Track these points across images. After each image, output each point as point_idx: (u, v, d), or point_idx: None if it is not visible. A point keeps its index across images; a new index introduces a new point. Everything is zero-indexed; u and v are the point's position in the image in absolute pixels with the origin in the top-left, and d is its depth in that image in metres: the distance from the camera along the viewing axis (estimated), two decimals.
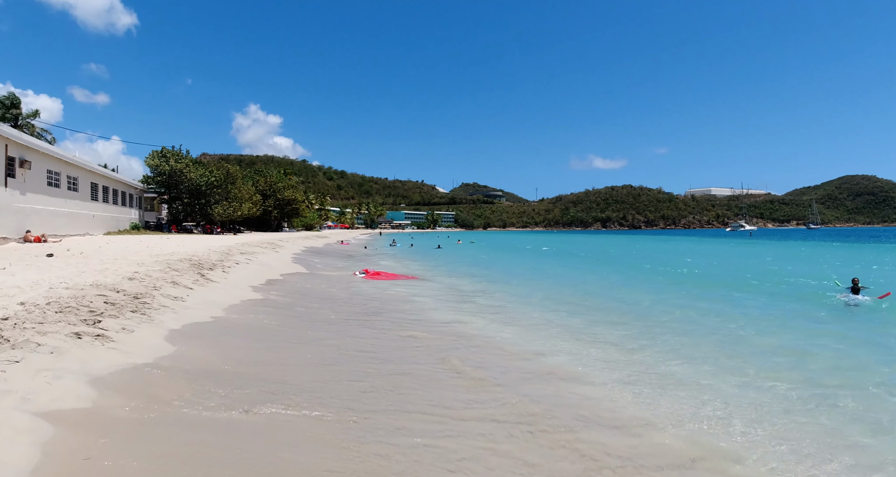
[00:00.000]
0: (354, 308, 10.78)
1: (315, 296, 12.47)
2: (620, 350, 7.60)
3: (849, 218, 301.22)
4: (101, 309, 6.36)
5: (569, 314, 10.63)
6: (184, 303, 8.17)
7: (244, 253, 19.34)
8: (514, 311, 11.10)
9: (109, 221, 37.91)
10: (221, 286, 10.90)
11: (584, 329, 9.12)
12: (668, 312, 10.88)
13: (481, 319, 9.85)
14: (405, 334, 8.08)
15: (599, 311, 11.23)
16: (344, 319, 9.33)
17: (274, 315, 9.13)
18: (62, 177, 29.77)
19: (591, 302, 12.58)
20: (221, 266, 13.49)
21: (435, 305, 11.63)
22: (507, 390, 5.54)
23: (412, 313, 10.37)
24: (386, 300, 12.20)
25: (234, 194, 55.03)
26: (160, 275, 9.82)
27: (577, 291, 14.82)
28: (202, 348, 6.08)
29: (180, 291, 8.96)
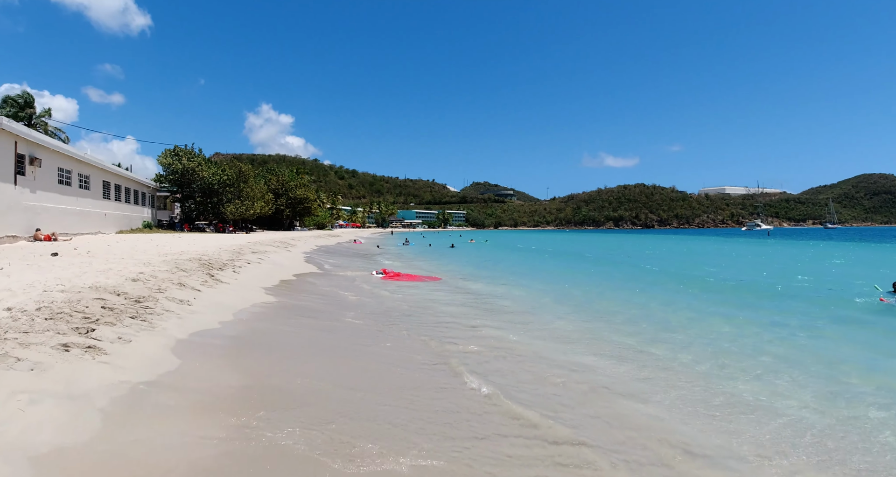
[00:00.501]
0: (379, 313, 9.99)
1: (333, 298, 11.73)
2: (670, 364, 6.76)
3: (866, 217, 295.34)
4: (97, 315, 5.68)
5: (605, 325, 9.71)
6: (190, 307, 7.47)
7: (256, 252, 18.69)
8: (544, 318, 10.17)
9: (122, 220, 37.67)
10: (232, 288, 10.21)
11: (620, 339, 8.26)
12: (710, 324, 9.85)
13: (515, 327, 8.94)
14: (444, 347, 7.19)
15: (632, 322, 10.23)
16: (370, 327, 8.52)
17: (290, 321, 8.42)
18: (73, 175, 29.47)
19: (624, 312, 11.59)
20: (232, 266, 12.82)
21: (463, 310, 10.69)
22: (570, 411, 4.80)
23: (444, 321, 9.37)
24: (412, 304, 11.29)
25: (246, 193, 54.77)
26: (166, 276, 9.15)
27: (608, 299, 13.83)
28: (210, 361, 5.35)
29: (187, 293, 8.27)
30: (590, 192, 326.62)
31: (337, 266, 20.77)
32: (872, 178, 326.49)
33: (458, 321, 9.27)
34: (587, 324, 9.57)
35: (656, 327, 9.31)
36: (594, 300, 12.93)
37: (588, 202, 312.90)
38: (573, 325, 9.42)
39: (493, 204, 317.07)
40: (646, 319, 10.07)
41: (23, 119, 50.80)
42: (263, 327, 7.49)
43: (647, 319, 10.07)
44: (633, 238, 78.05)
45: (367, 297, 12.25)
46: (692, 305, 12.21)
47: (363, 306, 10.72)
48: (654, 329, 9.13)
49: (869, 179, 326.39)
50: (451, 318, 9.64)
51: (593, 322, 9.77)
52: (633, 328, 9.16)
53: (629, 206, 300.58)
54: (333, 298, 11.74)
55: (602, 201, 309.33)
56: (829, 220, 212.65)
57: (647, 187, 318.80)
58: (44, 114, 53.17)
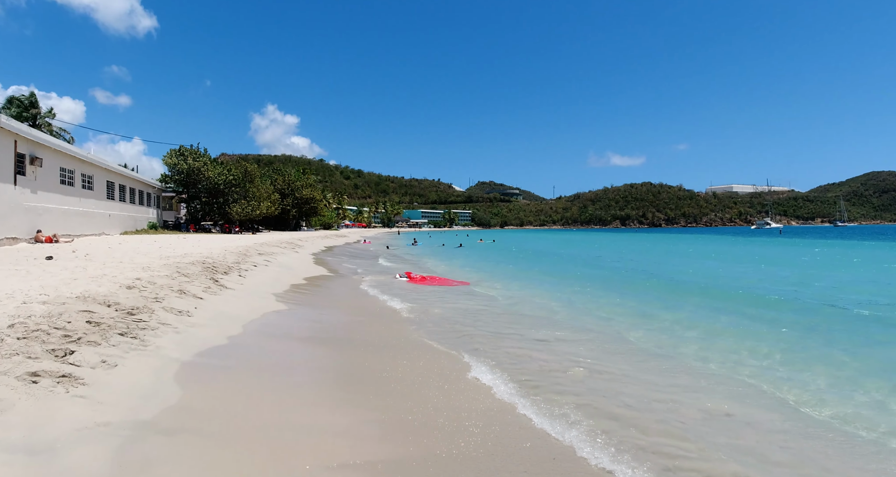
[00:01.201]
0: (415, 325, 8.72)
1: (354, 306, 10.65)
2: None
3: (875, 215, 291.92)
4: (80, 332, 4.80)
5: (677, 339, 8.40)
6: (190, 318, 6.57)
7: (262, 254, 17.82)
8: (607, 327, 9.05)
9: (127, 221, 37.02)
10: (238, 295, 9.33)
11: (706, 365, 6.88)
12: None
13: (584, 342, 7.75)
14: (521, 370, 5.96)
15: (712, 338, 8.92)
16: (411, 342, 7.25)
17: (310, 335, 7.37)
18: (76, 175, 28.78)
19: (697, 330, 10.17)
20: (238, 269, 11.93)
21: (512, 318, 9.60)
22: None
23: (505, 332, 8.13)
24: (462, 313, 10.05)
25: (252, 193, 54.10)
26: (166, 282, 8.27)
27: (663, 315, 12.45)
28: (220, 392, 4.42)
29: (187, 302, 7.39)
30: (596, 191, 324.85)
31: (351, 269, 19.71)
32: (881, 175, 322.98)
33: (520, 333, 8.17)
34: (656, 336, 8.40)
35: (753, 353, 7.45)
36: (648, 314, 11.43)
37: (594, 201, 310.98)
38: (639, 335, 8.35)
39: (499, 203, 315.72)
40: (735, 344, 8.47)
41: (27, 119, 50.33)
42: (280, 347, 6.45)
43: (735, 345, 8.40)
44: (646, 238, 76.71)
45: (399, 304, 11.09)
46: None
47: (395, 317, 9.54)
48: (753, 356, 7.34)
49: (878, 177, 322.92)
50: (511, 329, 8.55)
51: (661, 335, 8.53)
52: (722, 346, 7.74)
53: (636, 205, 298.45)
54: (356, 306, 10.73)
55: (608, 200, 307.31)
56: (840, 219, 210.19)
57: (653, 186, 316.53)
58: (48, 114, 52.74)
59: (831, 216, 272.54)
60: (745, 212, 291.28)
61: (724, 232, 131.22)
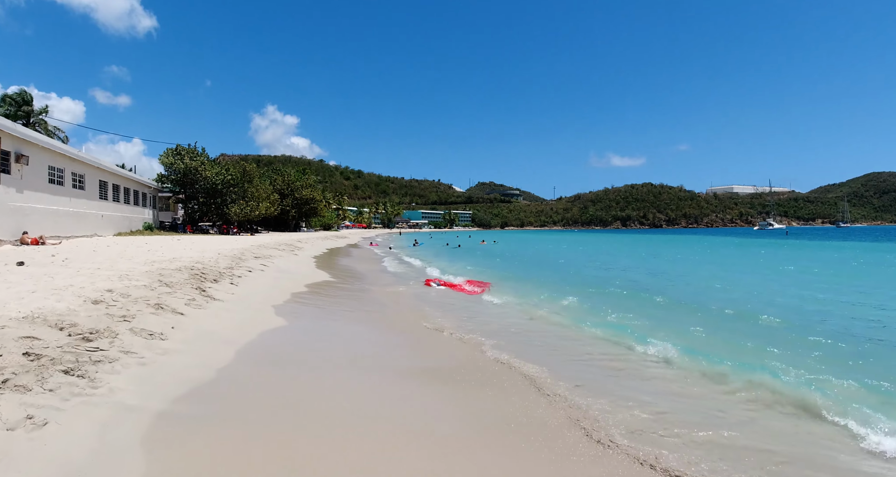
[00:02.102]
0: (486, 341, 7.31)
1: (375, 319, 9.11)
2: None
3: (876, 216, 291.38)
4: (8, 372, 3.60)
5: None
6: (164, 343, 5.28)
7: (259, 257, 16.54)
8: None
9: (121, 222, 35.82)
10: (229, 307, 8.07)
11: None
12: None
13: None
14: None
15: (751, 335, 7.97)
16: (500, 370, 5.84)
17: (327, 365, 5.75)
18: (66, 173, 27.58)
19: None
20: (230, 275, 10.67)
21: (567, 332, 8.37)
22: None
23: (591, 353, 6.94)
24: (519, 324, 8.90)
25: (251, 193, 52.90)
26: (142, 293, 7.04)
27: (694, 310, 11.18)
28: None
29: (164, 320, 6.14)
30: (597, 192, 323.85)
31: (357, 274, 18.20)
32: (882, 176, 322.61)
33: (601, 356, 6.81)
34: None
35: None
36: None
37: (595, 202, 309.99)
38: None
39: (500, 204, 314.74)
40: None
41: (20, 117, 49.14)
42: (289, 381, 4.99)
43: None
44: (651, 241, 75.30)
45: (446, 319, 9.30)
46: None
47: (433, 338, 7.73)
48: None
49: (878, 178, 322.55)
50: (560, 341, 7.30)
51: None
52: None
53: (637, 206, 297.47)
54: (385, 320, 9.05)
55: (609, 201, 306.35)
56: (843, 219, 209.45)
57: (654, 187, 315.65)
58: (42, 112, 51.52)
59: (832, 217, 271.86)
60: (746, 213, 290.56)
61: (727, 233, 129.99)
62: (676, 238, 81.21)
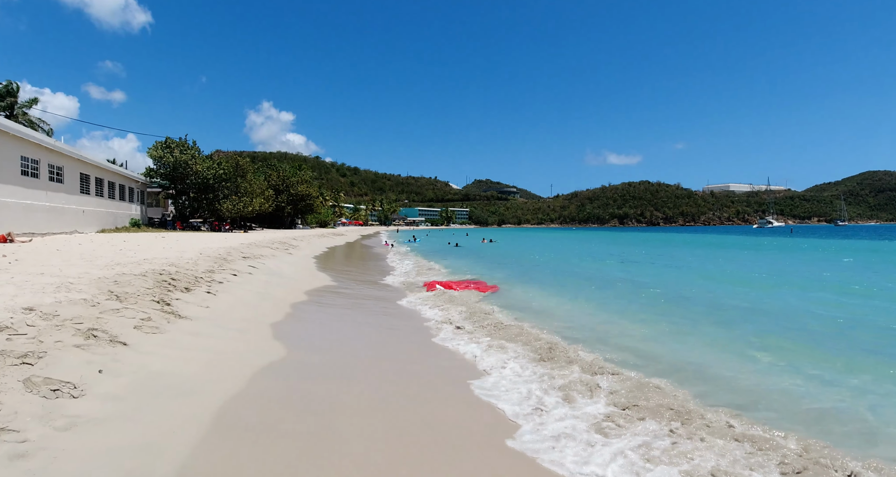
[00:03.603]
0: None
1: (408, 360, 6.33)
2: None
3: (871, 215, 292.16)
4: None
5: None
6: (73, 404, 3.33)
7: (248, 257, 14.55)
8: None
9: (104, 218, 33.78)
10: (199, 329, 6.08)
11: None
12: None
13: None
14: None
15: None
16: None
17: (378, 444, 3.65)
18: (42, 165, 25.55)
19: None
20: (208, 282, 8.73)
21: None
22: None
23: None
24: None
25: (244, 189, 50.83)
26: (77, 311, 5.17)
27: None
28: None
29: (92, 356, 4.17)
30: (594, 190, 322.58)
31: (364, 280, 16.00)
32: (877, 175, 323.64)
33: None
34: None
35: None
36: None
37: (592, 200, 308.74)
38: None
39: (497, 202, 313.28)
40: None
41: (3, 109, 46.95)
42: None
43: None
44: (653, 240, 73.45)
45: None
46: None
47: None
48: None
49: (874, 177, 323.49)
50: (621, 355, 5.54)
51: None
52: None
53: (634, 204, 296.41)
54: (418, 362, 6.26)
55: (606, 199, 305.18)
56: (841, 218, 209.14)
57: (651, 185, 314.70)
58: (27, 104, 49.23)
59: (828, 215, 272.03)
60: (743, 211, 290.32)
61: (727, 231, 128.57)
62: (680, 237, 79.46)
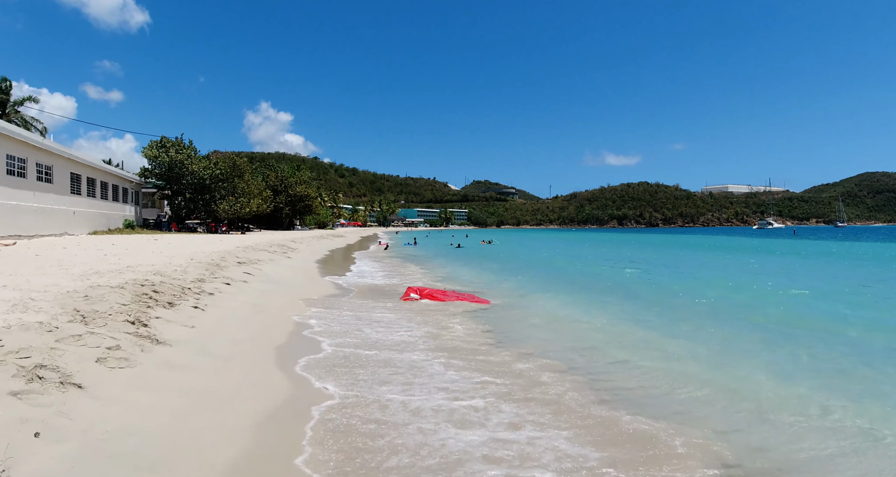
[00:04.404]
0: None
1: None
2: None
3: (869, 216, 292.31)
4: None
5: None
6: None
7: (243, 262, 13.48)
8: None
9: (97, 219, 32.69)
10: (179, 359, 4.86)
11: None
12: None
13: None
14: None
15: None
16: None
17: None
18: (28, 164, 24.48)
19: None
20: (196, 293, 7.61)
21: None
22: None
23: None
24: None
25: (241, 189, 49.71)
26: (25, 339, 4.02)
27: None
28: None
29: (30, 411, 2.96)
30: (593, 191, 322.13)
31: (375, 288, 14.85)
32: (875, 176, 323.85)
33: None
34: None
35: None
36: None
37: (591, 201, 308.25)
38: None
39: (496, 202, 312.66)
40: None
41: None
42: None
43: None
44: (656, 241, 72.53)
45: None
46: None
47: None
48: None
49: (872, 178, 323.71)
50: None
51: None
52: None
53: (633, 205, 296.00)
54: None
55: (605, 200, 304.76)
56: (840, 219, 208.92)
57: (650, 185, 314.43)
58: (20, 102, 48.02)
59: (826, 217, 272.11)
60: (742, 212, 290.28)
61: (728, 232, 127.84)
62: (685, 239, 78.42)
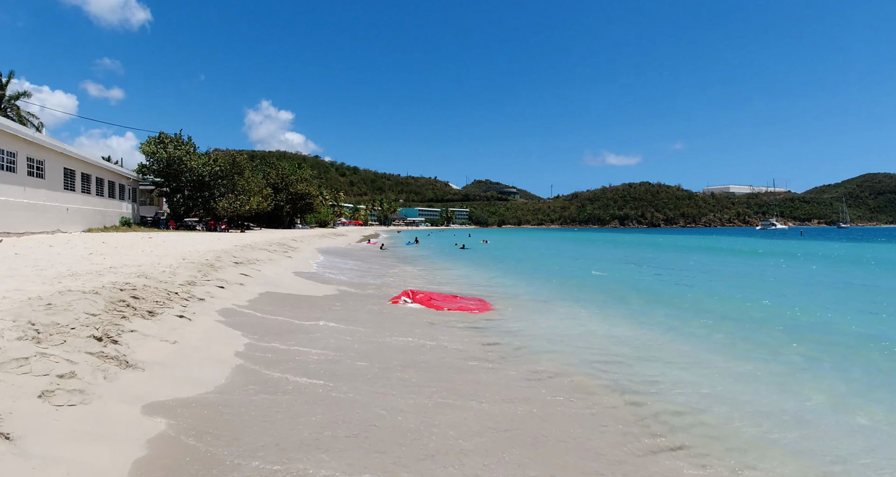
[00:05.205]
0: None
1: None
2: None
3: (871, 217, 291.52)
4: None
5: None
6: None
7: (241, 262, 12.47)
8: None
9: (92, 216, 31.72)
10: (149, 390, 4.02)
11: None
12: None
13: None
14: None
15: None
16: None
17: None
18: (19, 158, 23.51)
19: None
20: (184, 299, 6.54)
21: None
22: None
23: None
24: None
25: (241, 186, 48.69)
26: None
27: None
28: None
29: None
30: (594, 191, 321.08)
31: (385, 285, 13.81)
32: (877, 177, 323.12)
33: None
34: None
35: None
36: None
37: (593, 201, 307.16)
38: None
39: (497, 202, 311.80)
40: None
41: None
42: None
43: None
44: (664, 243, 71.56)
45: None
46: None
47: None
48: None
49: (874, 179, 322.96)
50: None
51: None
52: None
53: (635, 205, 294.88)
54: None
55: (607, 200, 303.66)
56: (843, 220, 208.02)
57: (652, 186, 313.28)
58: (16, 96, 47.02)
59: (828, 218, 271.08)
60: (743, 212, 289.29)
61: (733, 233, 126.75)
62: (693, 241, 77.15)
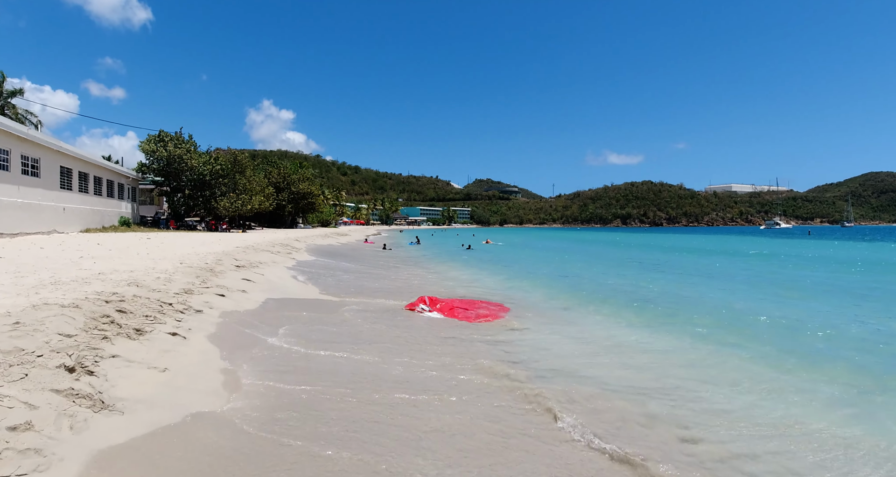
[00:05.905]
0: None
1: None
2: None
3: (874, 216, 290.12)
4: None
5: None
6: None
7: (243, 265, 11.64)
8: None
9: (89, 216, 30.90)
10: (123, 454, 3.04)
11: None
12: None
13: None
14: None
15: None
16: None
17: None
18: (12, 156, 22.69)
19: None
20: (179, 311, 5.66)
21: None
22: None
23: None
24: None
25: (243, 185, 47.86)
26: None
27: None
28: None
29: None
30: (596, 190, 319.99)
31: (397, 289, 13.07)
32: (879, 176, 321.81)
33: None
34: None
35: None
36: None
37: (595, 200, 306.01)
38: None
39: (498, 201, 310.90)
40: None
41: None
42: None
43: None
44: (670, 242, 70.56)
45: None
46: None
47: None
48: None
49: (876, 178, 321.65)
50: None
51: None
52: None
53: (637, 204, 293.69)
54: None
55: (609, 199, 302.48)
56: (847, 219, 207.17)
57: (654, 185, 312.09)
58: (12, 94, 46.22)
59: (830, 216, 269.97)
60: (746, 211, 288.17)
61: (737, 232, 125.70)
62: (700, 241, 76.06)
